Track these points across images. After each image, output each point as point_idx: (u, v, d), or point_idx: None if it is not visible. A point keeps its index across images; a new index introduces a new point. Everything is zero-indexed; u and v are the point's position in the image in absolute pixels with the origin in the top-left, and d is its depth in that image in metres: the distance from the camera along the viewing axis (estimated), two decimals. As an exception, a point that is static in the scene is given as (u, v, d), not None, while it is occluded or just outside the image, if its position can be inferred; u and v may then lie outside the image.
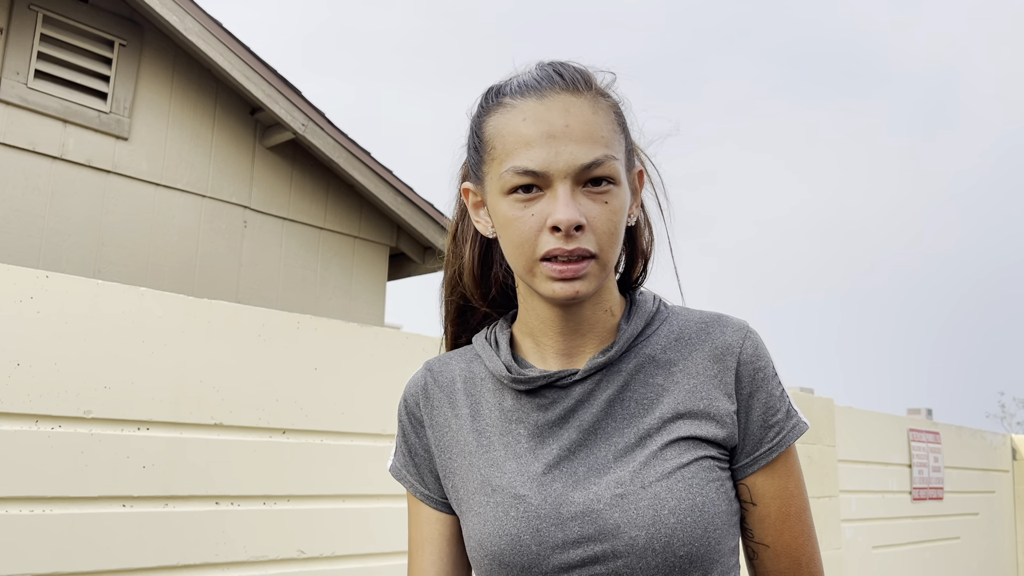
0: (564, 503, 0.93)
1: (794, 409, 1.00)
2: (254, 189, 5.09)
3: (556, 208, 0.90)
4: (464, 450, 1.02)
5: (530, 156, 0.92)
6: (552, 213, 0.90)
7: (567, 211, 0.89)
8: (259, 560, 2.03)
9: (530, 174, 0.91)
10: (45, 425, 1.75)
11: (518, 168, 0.92)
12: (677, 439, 0.94)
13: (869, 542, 4.52)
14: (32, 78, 4.25)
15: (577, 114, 0.93)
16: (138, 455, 1.86)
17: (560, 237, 0.90)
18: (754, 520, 0.98)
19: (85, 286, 1.84)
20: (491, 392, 1.03)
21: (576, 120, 0.93)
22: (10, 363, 1.72)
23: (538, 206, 0.92)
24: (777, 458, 0.97)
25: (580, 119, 0.93)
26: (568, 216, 0.89)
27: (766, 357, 0.99)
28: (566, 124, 0.92)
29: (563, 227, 0.89)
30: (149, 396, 1.90)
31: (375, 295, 5.65)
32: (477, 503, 0.97)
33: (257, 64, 4.85)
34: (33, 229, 4.21)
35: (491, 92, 1.00)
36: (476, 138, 1.00)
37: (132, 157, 4.60)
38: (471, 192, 1.03)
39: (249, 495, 2.04)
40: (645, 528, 0.89)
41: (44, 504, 1.73)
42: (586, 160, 0.91)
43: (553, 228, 0.90)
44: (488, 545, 0.94)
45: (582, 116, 0.93)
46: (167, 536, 1.89)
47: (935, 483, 5.23)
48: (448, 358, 1.10)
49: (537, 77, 0.97)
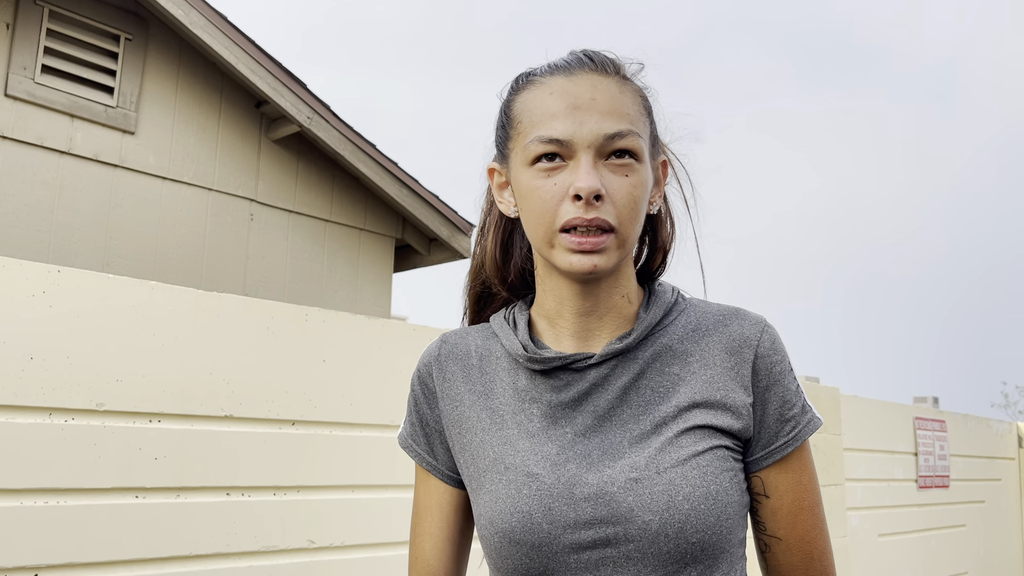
0: (578, 484, 0.93)
1: (808, 404, 1.01)
2: (260, 182, 5.11)
3: (578, 176, 0.92)
4: (476, 426, 1.02)
5: (554, 126, 0.93)
6: (574, 182, 0.92)
7: (588, 179, 0.91)
8: (269, 550, 2.06)
9: (554, 142, 0.93)
10: (58, 418, 1.77)
11: (543, 137, 0.94)
12: (693, 427, 0.95)
13: (875, 530, 4.54)
14: (39, 73, 4.27)
15: (604, 90, 0.95)
16: (150, 447, 1.89)
17: (580, 206, 0.91)
18: (767, 513, 0.99)
19: (96, 281, 1.86)
20: (505, 371, 1.03)
21: (602, 95, 0.95)
22: (23, 357, 1.74)
23: (561, 175, 0.93)
24: (792, 452, 0.98)
25: (606, 94, 0.95)
26: (589, 184, 0.90)
27: (783, 352, 1.00)
28: (592, 97, 0.94)
29: (584, 195, 0.90)
30: (160, 389, 1.92)
31: (381, 287, 5.67)
32: (489, 480, 0.98)
33: (262, 57, 4.85)
34: (42, 223, 4.24)
35: (522, 75, 1.02)
36: (504, 116, 1.02)
37: (139, 151, 4.61)
38: (496, 172, 1.05)
39: (259, 486, 2.06)
40: (659, 513, 0.90)
41: (58, 496, 1.76)
42: (610, 131, 0.93)
43: (575, 197, 0.91)
44: (499, 522, 0.95)
45: (608, 92, 0.95)
46: (179, 527, 1.91)
47: (941, 471, 5.23)
48: (465, 332, 1.11)
49: (567, 59, 0.99)
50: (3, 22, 4.17)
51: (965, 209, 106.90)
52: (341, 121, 5.19)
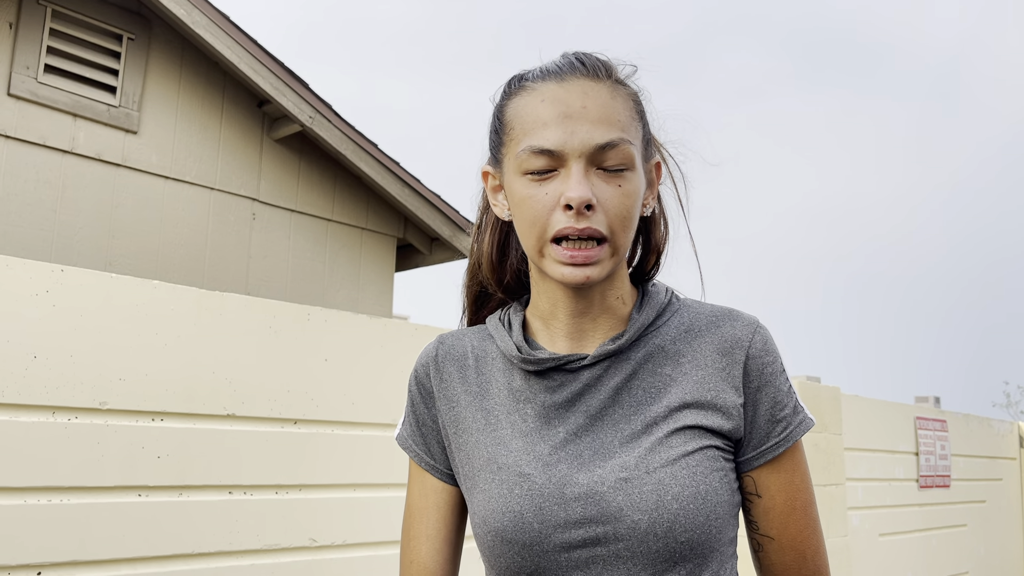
0: (568, 484, 0.94)
1: (800, 405, 1.01)
2: (262, 181, 5.12)
3: (569, 186, 0.91)
4: (472, 427, 1.03)
5: (546, 136, 0.93)
6: (565, 191, 0.92)
7: (579, 188, 0.91)
8: (271, 548, 2.06)
9: (545, 153, 0.93)
10: (61, 416, 1.78)
11: (534, 147, 0.93)
12: (683, 427, 0.95)
13: (876, 530, 4.54)
14: (42, 73, 4.28)
15: (595, 97, 0.95)
16: (153, 445, 1.90)
17: (571, 215, 0.91)
18: (759, 512, 0.99)
19: (99, 280, 1.87)
20: (500, 371, 1.04)
21: (593, 103, 0.94)
22: (27, 356, 1.75)
23: (552, 185, 0.93)
24: (784, 452, 0.98)
25: (597, 102, 0.94)
26: (579, 193, 0.90)
27: (774, 353, 1.00)
28: (583, 105, 0.94)
29: (574, 204, 0.90)
30: (163, 387, 1.93)
31: (383, 286, 5.68)
32: (483, 480, 0.99)
33: (264, 57, 4.86)
34: (45, 222, 4.25)
35: (514, 78, 1.02)
36: (497, 121, 1.02)
37: (141, 150, 4.62)
38: (490, 175, 1.05)
39: (261, 484, 2.07)
40: (648, 513, 0.90)
41: (61, 494, 1.77)
42: (601, 140, 0.92)
43: (566, 206, 0.91)
44: (492, 522, 0.96)
45: (600, 99, 0.95)
46: (181, 525, 1.92)
47: (942, 471, 5.24)
48: (462, 333, 1.11)
49: (559, 64, 0.98)
50: (6, 21, 4.18)
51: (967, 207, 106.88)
52: (343, 120, 5.19)
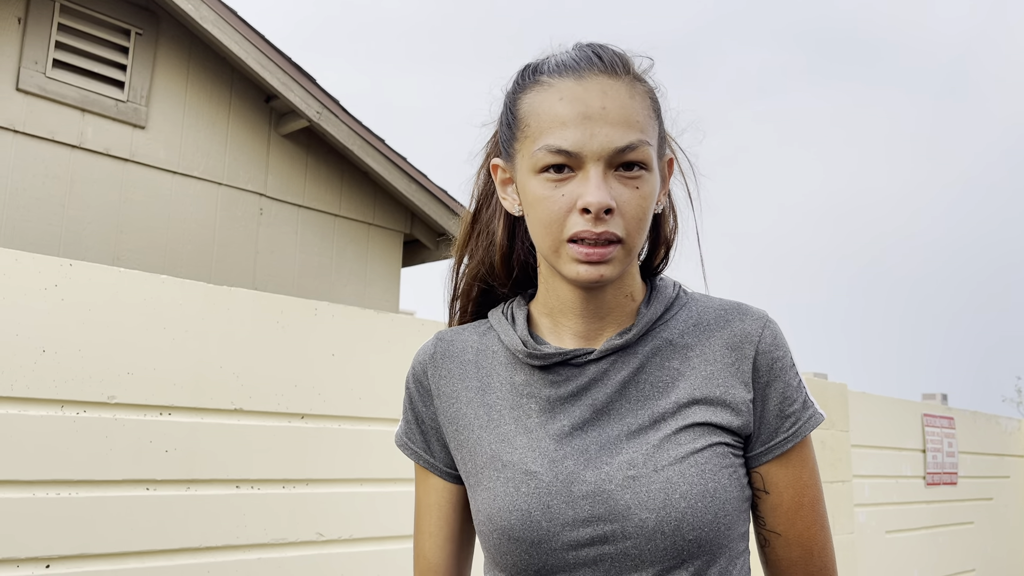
0: (575, 481, 0.93)
1: (810, 400, 1.00)
2: (270, 177, 5.13)
3: (587, 190, 0.90)
4: (473, 423, 1.01)
5: (564, 136, 0.91)
6: (583, 195, 0.90)
7: (598, 194, 0.89)
8: (279, 542, 2.07)
9: (563, 154, 0.91)
10: (70, 410, 1.79)
11: (552, 147, 0.91)
12: (692, 424, 0.94)
13: (882, 527, 4.54)
14: (50, 68, 4.29)
15: (614, 97, 0.92)
16: (161, 439, 1.90)
17: (589, 219, 0.90)
18: (767, 508, 0.99)
19: (107, 274, 1.88)
20: (503, 366, 1.03)
21: (613, 103, 0.92)
22: (36, 350, 1.76)
23: (569, 187, 0.91)
24: (792, 448, 0.97)
25: (617, 102, 0.92)
26: (599, 199, 0.89)
27: (784, 347, 0.99)
28: (602, 106, 0.91)
29: (593, 210, 0.89)
30: (171, 382, 1.94)
31: (390, 281, 5.68)
32: (487, 478, 0.97)
33: (272, 52, 4.87)
34: (53, 217, 4.27)
35: (528, 69, 0.99)
36: (510, 114, 0.99)
37: (149, 145, 4.63)
38: (500, 168, 1.03)
39: (269, 479, 2.08)
40: (655, 511, 0.89)
41: (70, 487, 1.77)
42: (620, 144, 0.91)
43: (583, 210, 0.90)
44: (498, 520, 0.94)
45: (619, 99, 0.92)
46: (189, 519, 1.93)
47: (949, 468, 5.22)
48: (461, 329, 1.10)
49: (576, 58, 0.96)
50: (15, 17, 4.19)
51: (976, 205, 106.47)
52: (350, 116, 5.20)
